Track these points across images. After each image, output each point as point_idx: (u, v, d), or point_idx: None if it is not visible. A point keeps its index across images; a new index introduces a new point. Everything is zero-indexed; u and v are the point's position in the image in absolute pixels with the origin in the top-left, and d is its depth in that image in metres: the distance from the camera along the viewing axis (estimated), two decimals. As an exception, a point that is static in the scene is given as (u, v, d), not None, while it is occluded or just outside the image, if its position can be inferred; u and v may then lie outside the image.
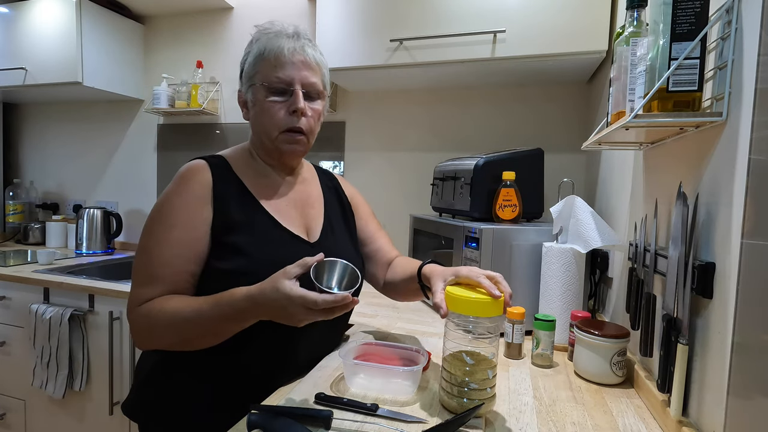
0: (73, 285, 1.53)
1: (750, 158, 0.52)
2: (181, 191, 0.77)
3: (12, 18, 1.99)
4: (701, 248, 0.63)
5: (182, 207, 0.76)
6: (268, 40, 0.81)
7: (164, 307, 0.71)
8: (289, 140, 0.82)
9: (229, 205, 0.78)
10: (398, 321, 1.21)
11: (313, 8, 1.84)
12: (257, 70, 0.81)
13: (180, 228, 0.75)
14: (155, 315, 0.71)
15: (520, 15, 1.29)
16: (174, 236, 0.74)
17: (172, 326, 0.71)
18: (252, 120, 0.85)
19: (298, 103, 0.80)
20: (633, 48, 0.66)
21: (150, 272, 0.74)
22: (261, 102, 0.81)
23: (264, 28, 0.84)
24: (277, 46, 0.80)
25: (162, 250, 0.74)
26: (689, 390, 0.64)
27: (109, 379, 1.50)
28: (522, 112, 1.68)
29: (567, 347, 0.98)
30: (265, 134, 0.83)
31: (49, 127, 2.45)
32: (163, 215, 0.76)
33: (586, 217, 0.99)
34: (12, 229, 2.39)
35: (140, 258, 0.76)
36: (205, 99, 2.02)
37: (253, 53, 0.82)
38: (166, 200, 0.77)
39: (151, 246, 0.75)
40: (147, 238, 0.76)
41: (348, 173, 1.92)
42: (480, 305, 0.66)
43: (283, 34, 0.81)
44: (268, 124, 0.81)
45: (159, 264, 0.74)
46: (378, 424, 0.64)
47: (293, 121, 0.81)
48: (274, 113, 0.81)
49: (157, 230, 0.75)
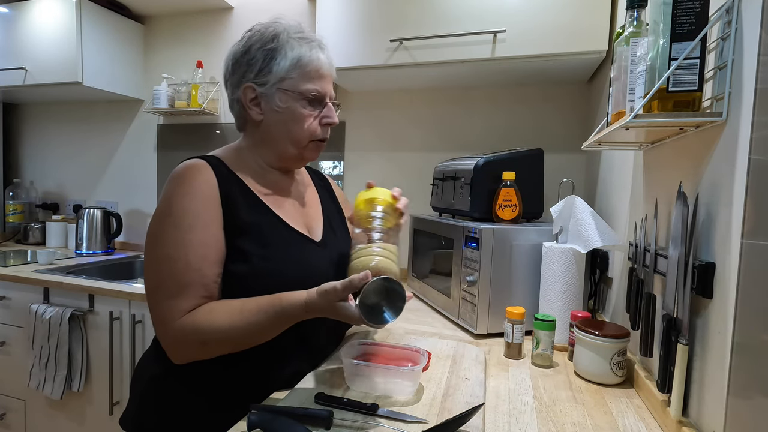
0: (73, 285, 1.53)
1: (750, 158, 0.52)
2: (188, 191, 0.72)
3: (12, 18, 1.99)
4: (701, 248, 0.63)
5: (195, 207, 0.72)
6: (301, 46, 0.79)
7: (214, 321, 0.68)
8: (315, 149, 0.85)
9: (237, 205, 0.76)
10: (398, 321, 1.20)
11: (313, 8, 1.84)
12: (291, 76, 0.78)
13: (200, 229, 0.71)
14: (207, 330, 0.68)
15: (520, 15, 1.29)
16: (196, 238, 0.71)
17: (228, 341, 0.69)
18: (271, 124, 0.81)
19: (333, 117, 0.83)
20: (633, 48, 0.66)
21: (180, 281, 0.69)
22: (294, 111, 0.79)
23: (288, 27, 0.80)
24: (316, 58, 0.80)
25: (187, 254, 0.70)
26: (689, 390, 0.64)
27: (109, 380, 1.50)
28: (522, 112, 1.68)
29: (567, 347, 0.98)
30: (292, 141, 0.81)
31: (49, 127, 2.45)
32: (175, 218, 0.71)
33: (586, 217, 0.99)
34: (12, 229, 2.39)
35: (163, 268, 0.70)
36: (205, 99, 2.02)
37: (286, 56, 0.78)
38: (173, 203, 0.72)
39: (170, 252, 0.70)
40: (164, 245, 0.71)
41: (348, 173, 1.92)
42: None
43: (316, 45, 0.81)
44: (300, 133, 0.81)
45: (186, 269, 0.69)
46: (378, 424, 0.64)
47: (325, 132, 0.84)
48: (309, 123, 0.81)
49: (175, 235, 0.70)
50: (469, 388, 0.77)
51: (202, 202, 0.73)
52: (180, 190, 0.73)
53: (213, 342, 0.69)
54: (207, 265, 0.71)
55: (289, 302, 0.69)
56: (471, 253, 1.11)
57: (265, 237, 0.77)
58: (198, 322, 0.68)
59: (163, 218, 0.72)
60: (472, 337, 1.10)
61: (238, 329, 0.69)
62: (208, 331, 0.68)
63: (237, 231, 0.75)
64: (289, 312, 0.69)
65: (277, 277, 0.74)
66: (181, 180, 0.74)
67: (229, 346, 0.71)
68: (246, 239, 0.75)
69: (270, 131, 0.82)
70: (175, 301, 0.69)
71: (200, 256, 0.71)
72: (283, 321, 0.70)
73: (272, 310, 0.69)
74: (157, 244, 0.72)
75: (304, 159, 0.86)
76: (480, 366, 0.87)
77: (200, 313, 0.69)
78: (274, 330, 0.71)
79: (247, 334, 0.70)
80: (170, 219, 0.71)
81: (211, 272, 0.72)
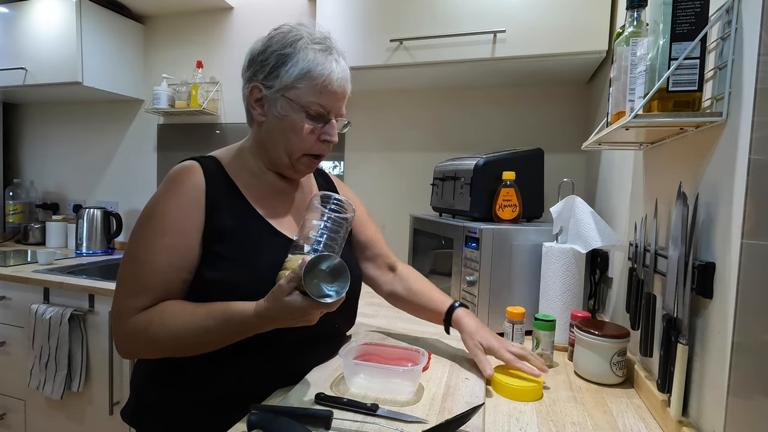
0: (73, 285, 1.53)
1: (750, 158, 0.52)
2: (172, 195, 0.73)
3: (12, 18, 1.99)
4: (701, 248, 0.63)
5: (174, 212, 0.72)
6: (315, 57, 0.76)
7: (165, 321, 0.69)
8: (309, 164, 0.82)
9: (222, 210, 0.75)
10: (398, 321, 1.21)
11: (313, 8, 1.84)
12: (297, 86, 0.76)
13: (172, 235, 0.72)
14: (155, 329, 0.69)
15: (520, 15, 1.29)
16: (166, 243, 0.71)
17: (174, 340, 0.69)
18: (271, 129, 0.80)
19: (333, 136, 0.80)
20: (633, 48, 0.66)
21: (141, 281, 0.71)
22: (293, 121, 0.78)
23: (311, 35, 0.78)
24: (328, 72, 0.76)
25: (153, 258, 0.71)
26: (689, 390, 0.64)
27: (109, 380, 1.50)
28: (522, 112, 1.68)
29: (567, 347, 0.98)
30: (286, 150, 0.80)
31: (49, 127, 2.45)
32: (154, 220, 0.73)
33: (586, 217, 0.99)
34: (12, 229, 2.39)
35: (129, 266, 0.72)
36: (205, 99, 2.02)
37: (297, 64, 0.76)
38: (157, 204, 0.73)
39: (140, 253, 0.72)
40: (136, 244, 0.73)
41: (348, 173, 1.92)
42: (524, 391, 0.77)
43: (333, 57, 0.78)
44: (295, 144, 0.79)
45: (150, 272, 0.71)
46: (378, 424, 0.64)
47: (322, 149, 0.81)
48: (305, 137, 0.78)
49: (148, 236, 0.72)
50: (469, 388, 0.77)
51: (184, 208, 0.73)
52: (166, 193, 0.74)
53: (160, 340, 0.69)
54: (172, 271, 0.72)
55: (238, 309, 0.68)
56: (471, 253, 1.11)
57: (246, 243, 0.76)
58: (148, 320, 0.70)
59: (143, 218, 0.74)
60: (472, 337, 1.10)
61: (186, 330, 0.69)
62: (156, 330, 0.69)
63: (218, 236, 0.74)
64: (237, 318, 0.68)
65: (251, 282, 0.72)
66: (169, 182, 0.75)
67: (175, 347, 0.71)
68: (225, 244, 0.74)
69: (268, 135, 0.81)
70: (133, 300, 0.71)
71: (166, 261, 0.71)
72: (232, 328, 0.69)
73: (221, 316, 0.68)
74: (132, 243, 0.74)
75: (296, 171, 0.83)
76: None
77: (153, 313, 0.70)
78: (223, 337, 0.70)
79: (195, 337, 0.69)
80: (149, 221, 0.73)
81: (174, 278, 0.72)
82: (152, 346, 0.71)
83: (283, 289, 0.64)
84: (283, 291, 0.64)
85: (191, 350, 0.72)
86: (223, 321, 0.68)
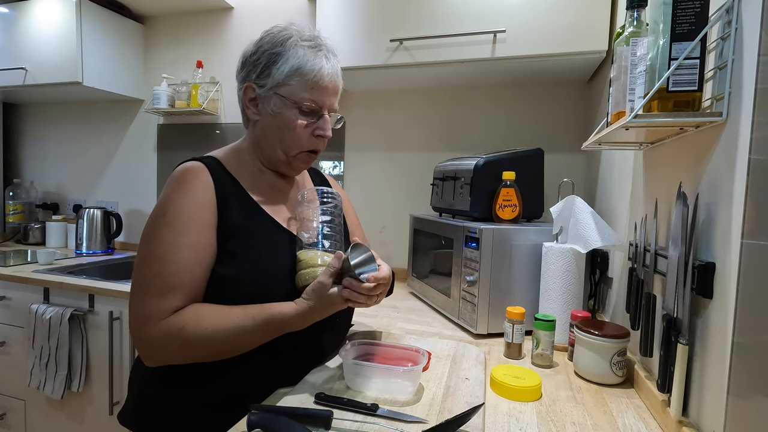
0: (73, 285, 1.53)
1: (750, 158, 0.52)
2: (184, 194, 0.73)
3: (12, 18, 1.99)
4: (701, 248, 0.63)
5: (189, 210, 0.72)
6: (305, 54, 0.78)
7: (200, 322, 0.68)
8: (305, 160, 0.84)
9: (231, 208, 0.76)
10: (398, 321, 1.21)
11: (313, 8, 1.84)
12: (289, 83, 0.78)
13: (193, 232, 0.72)
14: (190, 330, 0.68)
15: (520, 15, 1.29)
16: (189, 241, 0.71)
17: (210, 342, 0.69)
18: (266, 127, 0.81)
19: (327, 130, 0.82)
20: (633, 48, 0.66)
21: (168, 281, 0.69)
22: (287, 118, 0.79)
23: (301, 33, 0.80)
24: (318, 67, 0.78)
25: (179, 256, 0.70)
26: (689, 390, 0.64)
27: (109, 380, 1.50)
28: (522, 112, 1.68)
29: (567, 347, 0.98)
30: (282, 148, 0.81)
31: (49, 127, 2.44)
32: (170, 219, 0.72)
33: (586, 217, 0.99)
34: (12, 229, 2.38)
35: (151, 267, 0.71)
36: (205, 99, 2.01)
37: (287, 62, 0.78)
38: (170, 204, 0.73)
39: (163, 253, 0.70)
40: (155, 245, 0.71)
41: (348, 173, 1.92)
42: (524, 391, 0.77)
43: (322, 53, 0.80)
44: (290, 141, 0.80)
45: (177, 271, 0.70)
46: (378, 424, 0.64)
47: (316, 144, 0.82)
48: (300, 133, 0.80)
49: (167, 236, 0.71)
50: (469, 388, 0.77)
51: (198, 205, 0.73)
52: (177, 192, 0.74)
53: (195, 343, 0.69)
54: (199, 269, 0.72)
55: (278, 311, 0.71)
56: (471, 253, 1.11)
57: (256, 239, 0.77)
58: (181, 322, 0.69)
59: (159, 219, 0.73)
60: (472, 337, 1.10)
61: (222, 331, 0.69)
62: (192, 332, 0.68)
63: (229, 233, 0.75)
64: (278, 319, 0.71)
65: (262, 279, 0.74)
66: (178, 182, 0.75)
67: (210, 349, 0.70)
68: (236, 241, 0.75)
69: (264, 133, 0.83)
70: (161, 301, 0.69)
71: (193, 258, 0.71)
72: (272, 329, 0.71)
73: (260, 317, 0.70)
74: (151, 244, 0.72)
75: (293, 168, 0.85)
76: (480, 366, 0.87)
77: (186, 315, 0.69)
78: (260, 338, 0.72)
79: (231, 337, 0.70)
80: (165, 220, 0.72)
81: (201, 275, 0.72)
82: (186, 349, 0.69)
83: (325, 285, 0.70)
84: (326, 287, 0.70)
85: (226, 352, 0.72)
86: (261, 322, 0.70)
